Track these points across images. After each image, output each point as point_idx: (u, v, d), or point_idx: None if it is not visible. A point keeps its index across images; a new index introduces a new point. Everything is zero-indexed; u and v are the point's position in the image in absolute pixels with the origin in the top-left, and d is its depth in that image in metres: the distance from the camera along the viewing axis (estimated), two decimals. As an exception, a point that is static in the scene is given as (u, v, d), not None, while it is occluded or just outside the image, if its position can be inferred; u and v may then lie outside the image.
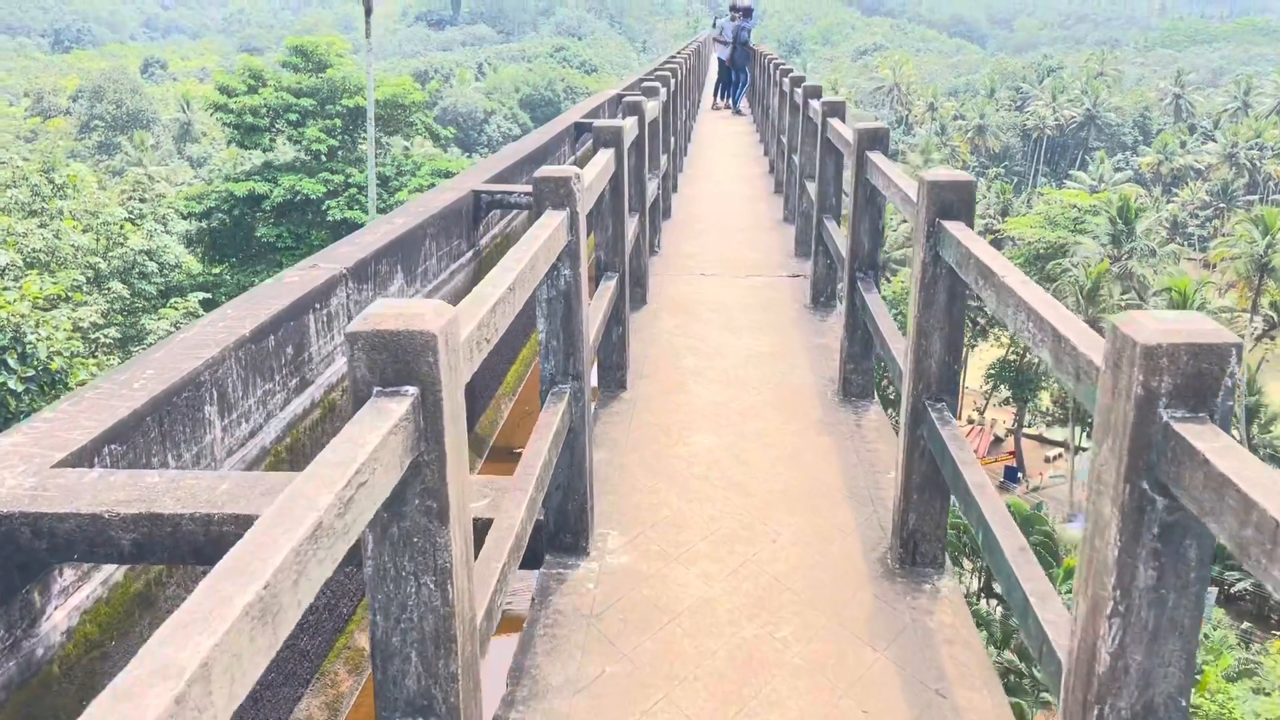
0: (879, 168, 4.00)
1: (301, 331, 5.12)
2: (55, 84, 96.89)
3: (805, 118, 7.18)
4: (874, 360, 4.65)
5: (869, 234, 4.47)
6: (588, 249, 3.46)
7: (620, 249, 4.64)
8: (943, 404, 3.07)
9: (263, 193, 30.98)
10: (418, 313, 1.51)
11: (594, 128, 4.55)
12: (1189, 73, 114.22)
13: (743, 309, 6.20)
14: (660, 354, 5.35)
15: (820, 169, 5.95)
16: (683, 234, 8.51)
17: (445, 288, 7.00)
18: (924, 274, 3.00)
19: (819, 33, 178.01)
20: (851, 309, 4.58)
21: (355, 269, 5.51)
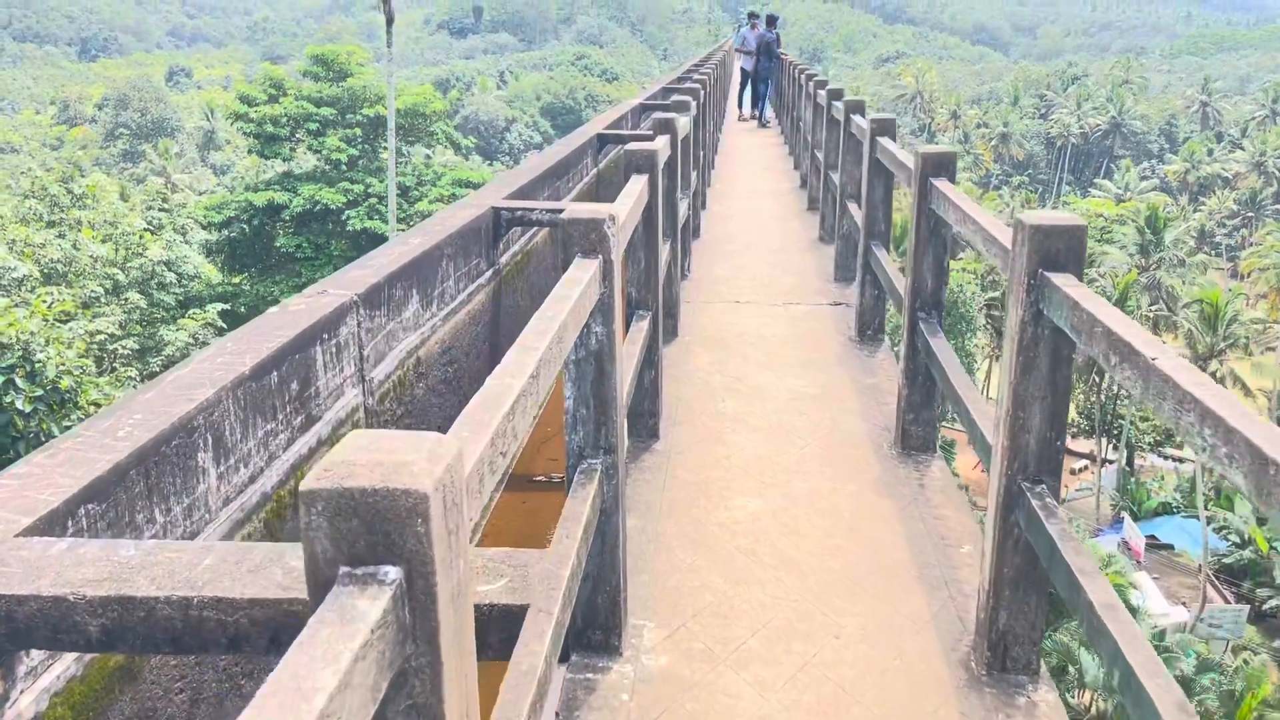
0: (950, 200, 3.52)
1: (308, 365, 4.64)
2: (81, 92, 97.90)
3: (847, 134, 6.71)
4: (936, 410, 4.17)
5: (933, 270, 4.00)
6: (622, 294, 3.00)
7: (654, 284, 4.19)
8: (1043, 487, 2.59)
9: (282, 202, 30.79)
10: (404, 460, 1.05)
11: (626, 152, 4.10)
12: (1216, 80, 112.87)
13: (782, 342, 5.72)
14: (695, 396, 4.88)
15: (868, 192, 5.47)
16: (713, 255, 8.05)
17: (463, 310, 6.55)
18: (1022, 334, 2.52)
19: (841, 40, 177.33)
20: (912, 352, 4.10)
21: (367, 294, 5.05)
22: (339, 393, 4.99)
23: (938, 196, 3.79)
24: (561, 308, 2.11)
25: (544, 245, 8.29)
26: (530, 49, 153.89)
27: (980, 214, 3.16)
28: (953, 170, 3.90)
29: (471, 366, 6.45)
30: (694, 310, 6.43)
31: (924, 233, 3.97)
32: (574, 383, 2.62)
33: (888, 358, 5.44)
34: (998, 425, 2.68)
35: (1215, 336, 38.72)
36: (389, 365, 5.29)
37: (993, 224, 2.96)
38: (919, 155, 3.94)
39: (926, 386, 4.12)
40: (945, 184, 3.82)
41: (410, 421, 5.49)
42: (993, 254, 2.92)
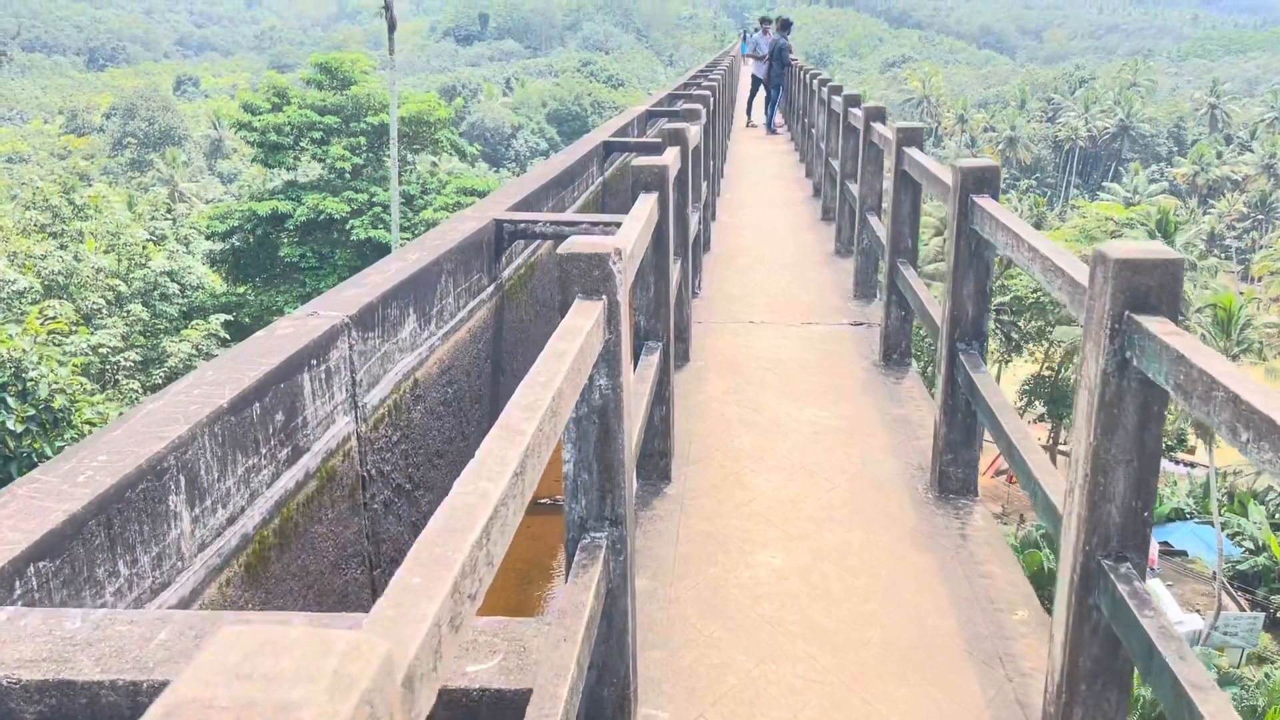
0: (1000, 221, 3.13)
1: (294, 393, 4.25)
2: (89, 101, 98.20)
3: (868, 143, 6.33)
4: (978, 451, 3.77)
5: (974, 297, 3.60)
6: (629, 329, 2.61)
7: (664, 312, 3.80)
8: (1128, 566, 2.19)
9: (286, 212, 30.52)
10: (288, 698, 0.66)
11: (634, 168, 3.72)
12: (1224, 82, 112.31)
13: (802, 367, 5.33)
14: (709, 430, 4.49)
15: (894, 206, 5.08)
16: (725, 270, 7.66)
17: (463, 328, 6.15)
18: (1105, 387, 2.13)
19: (847, 45, 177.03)
20: (951, 387, 3.70)
21: (360, 315, 4.65)
22: (329, 421, 4.59)
23: (982, 216, 3.40)
24: (557, 368, 1.72)
25: (548, 257, 7.91)
26: (536, 56, 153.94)
27: (1041, 241, 2.77)
28: (996, 186, 3.51)
29: (473, 386, 6.06)
30: (706, 331, 6.04)
31: (964, 255, 3.58)
32: (574, 444, 2.23)
33: (916, 385, 5.04)
34: (1071, 491, 2.28)
35: (1229, 341, 38.23)
36: (384, 389, 4.90)
37: (1059, 255, 2.56)
38: (958, 170, 3.55)
39: (966, 425, 3.73)
40: (990, 202, 3.42)
41: (406, 447, 5.11)
42: (1058, 289, 2.52)
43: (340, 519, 4.54)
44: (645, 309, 3.79)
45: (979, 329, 3.65)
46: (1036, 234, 2.85)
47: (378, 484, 4.79)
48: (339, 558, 4.52)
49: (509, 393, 6.31)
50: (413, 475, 5.15)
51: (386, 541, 4.98)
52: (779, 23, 17.58)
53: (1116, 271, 2.08)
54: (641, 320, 3.80)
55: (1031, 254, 2.78)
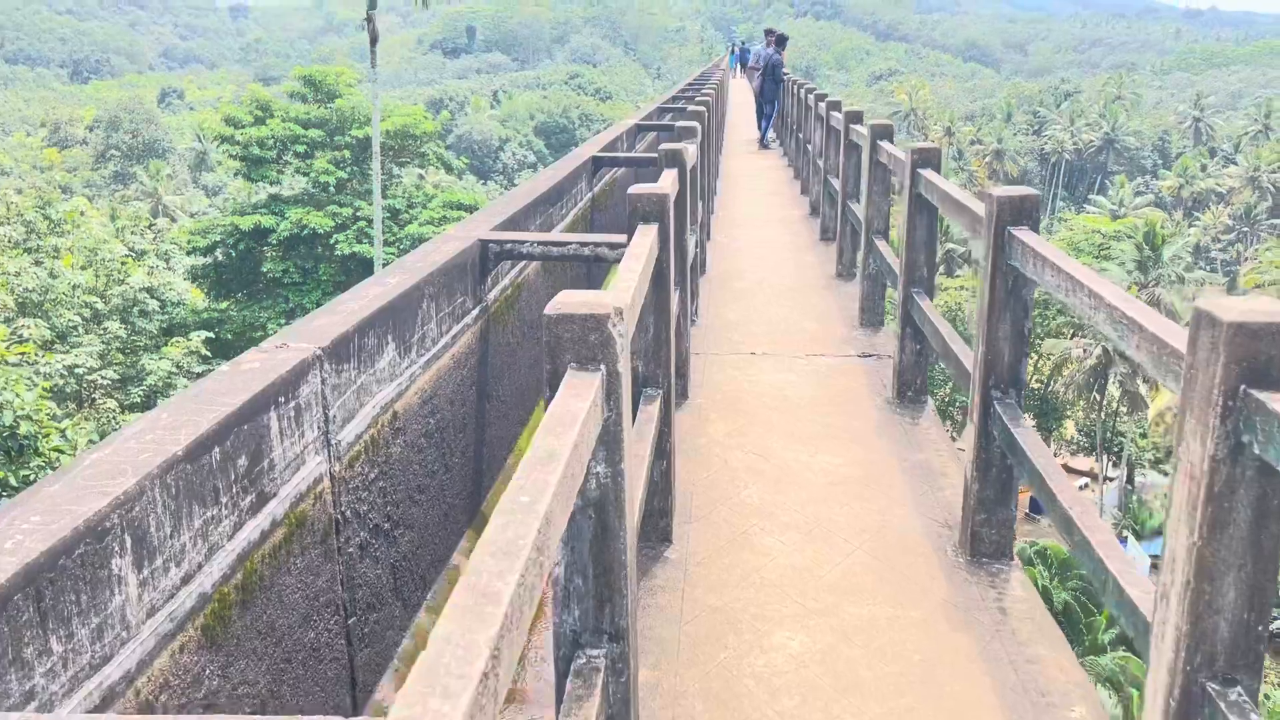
0: (1045, 259, 2.75)
1: (260, 435, 3.80)
2: (72, 114, 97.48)
3: (874, 162, 5.96)
4: (1013, 510, 3.39)
5: (1011, 340, 3.22)
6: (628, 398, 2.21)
7: (665, 355, 3.41)
8: (1238, 689, 1.80)
9: (269, 226, 30.05)
10: None
11: (631, 197, 3.33)
12: (1208, 96, 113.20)
13: (810, 405, 4.94)
14: (713, 480, 4.09)
15: (908, 232, 4.71)
16: (723, 295, 7.27)
17: (447, 354, 5.71)
18: (1213, 475, 1.74)
19: (834, 58, 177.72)
20: (985, 440, 3.32)
21: (334, 347, 4.19)
22: (299, 462, 4.13)
23: (1022, 251, 3.02)
24: (546, 479, 1.32)
25: (536, 276, 7.52)
26: (524, 69, 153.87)
27: (1106, 286, 2.38)
28: (1036, 217, 3.13)
29: (456, 415, 5.65)
30: (705, 364, 5.64)
31: (999, 294, 3.20)
32: (565, 544, 1.83)
33: (934, 426, 4.65)
34: (1166, 597, 1.89)
35: (1219, 354, 37.96)
36: (360, 424, 4.46)
37: (1135, 306, 2.18)
38: (993, 199, 3.17)
39: (1002, 481, 3.34)
40: (1030, 235, 3.04)
41: (385, 485, 4.68)
42: (1135, 347, 2.14)
43: (311, 567, 4.12)
44: (644, 353, 3.40)
45: (1016, 376, 3.27)
46: (1097, 276, 2.47)
47: (353, 526, 4.38)
48: (310, 609, 4.10)
49: (495, 419, 5.84)
50: (391, 514, 4.74)
51: (362, 587, 4.57)
52: (774, 37, 17.25)
53: (1230, 337, 1.70)
54: (640, 365, 3.41)
55: (1093, 301, 2.40)
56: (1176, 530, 1.85)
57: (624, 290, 2.12)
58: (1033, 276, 2.94)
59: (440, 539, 5.13)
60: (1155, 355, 2.03)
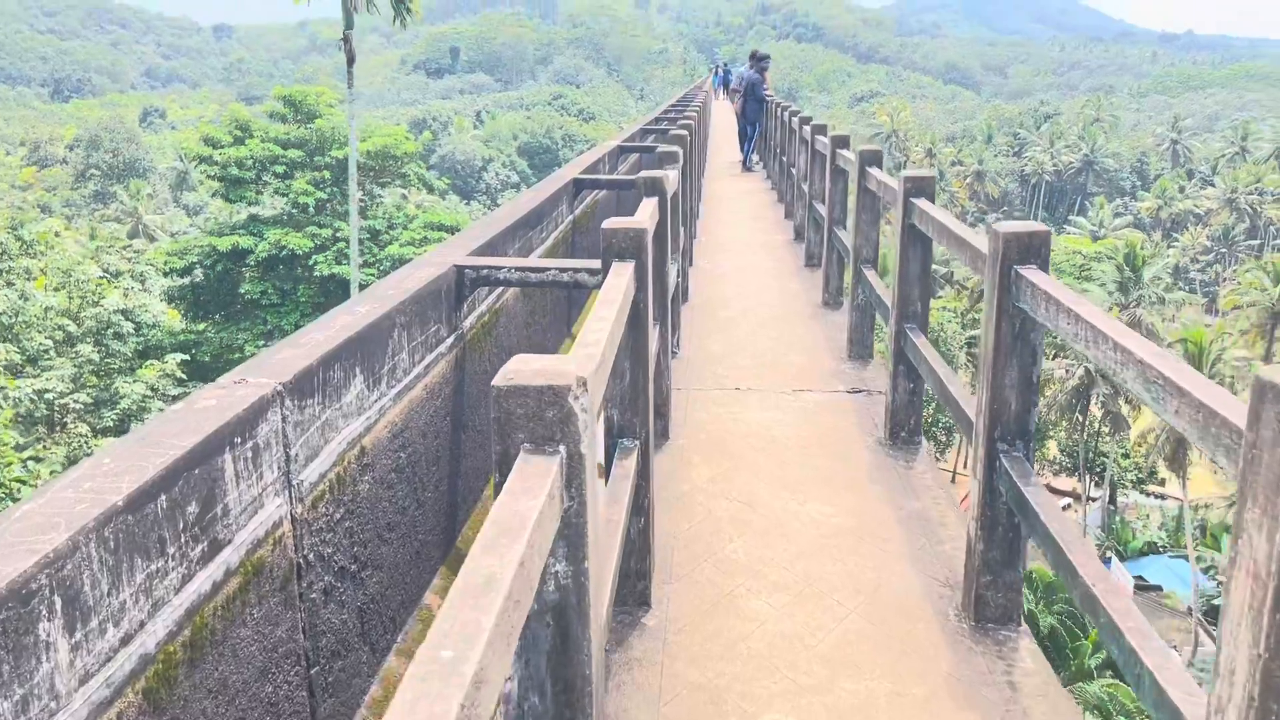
0: (1061, 303, 2.49)
1: (213, 478, 3.48)
2: (53, 133, 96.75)
3: (863, 189, 5.72)
4: (1020, 570, 3.12)
5: (1019, 388, 2.96)
6: (596, 489, 1.94)
7: (642, 403, 3.13)
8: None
9: (247, 247, 29.66)
10: None
11: (606, 233, 3.07)
12: (1185, 118, 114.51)
13: (799, 447, 4.66)
14: (696, 532, 3.81)
15: (901, 264, 4.46)
16: (706, 324, 7.01)
17: (419, 384, 5.40)
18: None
19: (815, 80, 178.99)
20: (989, 496, 3.05)
21: (296, 382, 3.87)
22: (256, 505, 3.80)
23: (1032, 293, 2.76)
24: (482, 617, 1.04)
25: (515, 300, 7.25)
26: (507, 89, 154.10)
27: (1135, 340, 2.12)
28: (1046, 255, 2.88)
29: (429, 448, 5.35)
30: (687, 400, 5.36)
31: (1006, 338, 2.94)
32: (520, 658, 1.54)
33: (930, 471, 4.39)
34: (1221, 712, 1.62)
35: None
36: (324, 462, 4.13)
37: (1175, 367, 1.91)
38: (999, 236, 2.91)
39: (1008, 541, 3.07)
40: (1040, 275, 2.79)
41: (351, 524, 4.36)
42: (1174, 412, 1.87)
43: (270, 617, 3.80)
44: (619, 400, 3.12)
45: (1024, 426, 3.01)
46: (1123, 327, 2.21)
47: (316, 570, 4.06)
48: (268, 662, 3.78)
49: (471, 450, 5.46)
50: (359, 555, 4.42)
51: (326, 634, 4.25)
52: (752, 57, 17.11)
53: (1300, 412, 1.43)
54: (615, 414, 3.12)
55: (1120, 356, 2.14)
56: (1236, 637, 1.58)
57: (591, 349, 1.84)
58: (1044, 321, 2.69)
59: (412, 578, 4.82)
60: (1202, 425, 1.77)
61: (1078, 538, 2.55)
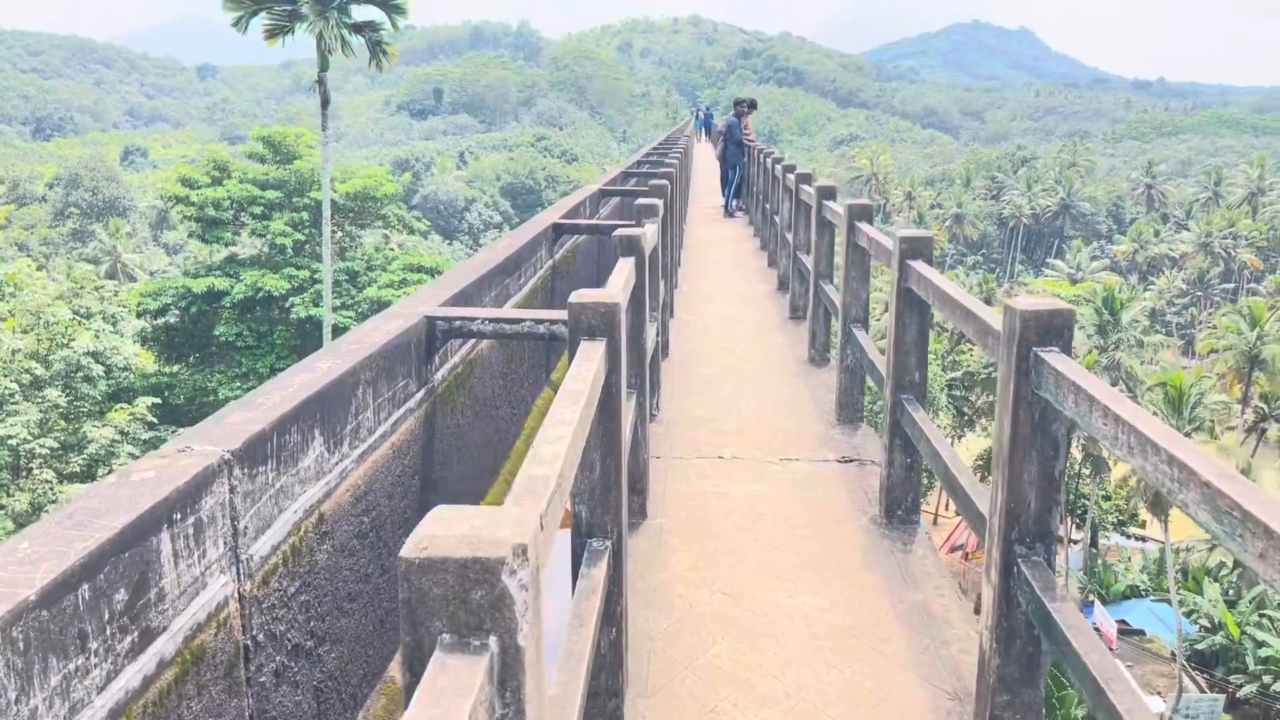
0: (1093, 396, 2.16)
1: (146, 560, 3.05)
2: (32, 171, 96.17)
3: (852, 245, 5.43)
4: (1040, 688, 2.76)
5: (1039, 484, 2.62)
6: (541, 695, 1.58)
7: (615, 499, 2.77)
8: None
9: (223, 289, 29.17)
10: None
11: (574, 307, 2.72)
12: (1159, 163, 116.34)
13: (786, 526, 4.30)
14: (675, 632, 3.42)
15: (897, 331, 4.13)
16: (687, 383, 6.66)
17: (385, 443, 5.00)
18: None
19: (796, 123, 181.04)
20: (1007, 604, 2.70)
21: (247, 448, 3.46)
22: (198, 586, 3.36)
23: (1055, 382, 2.43)
24: None
25: (491, 349, 6.89)
26: (490, 130, 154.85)
27: (1202, 459, 1.79)
28: (1069, 336, 2.56)
29: (395, 509, 4.94)
30: (667, 471, 5.00)
31: (1024, 429, 2.61)
32: None
33: (930, 555, 4.03)
34: None
35: (1180, 420, 38.22)
36: (278, 533, 3.71)
37: (1253, 494, 1.58)
38: (1015, 314, 2.59)
39: (1028, 655, 2.71)
40: (1063, 361, 2.46)
41: (307, 598, 3.93)
42: (1254, 553, 1.54)
43: (211, 708, 3.37)
44: (588, 495, 2.76)
45: (1045, 528, 2.67)
46: (1175, 435, 1.88)
47: (266, 651, 3.64)
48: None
49: None
50: (315, 630, 4.00)
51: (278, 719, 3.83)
52: (736, 103, 17.02)
53: None
54: (583, 511, 2.76)
55: (1179, 473, 1.80)
56: None
57: (546, 471, 1.48)
58: (1072, 416, 2.35)
59: (375, 649, 4.41)
60: (1274, 554, 1.42)
61: (1118, 672, 2.19)
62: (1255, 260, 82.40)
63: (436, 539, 1.15)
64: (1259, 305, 55.70)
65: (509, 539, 1.14)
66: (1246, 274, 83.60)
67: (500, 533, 1.15)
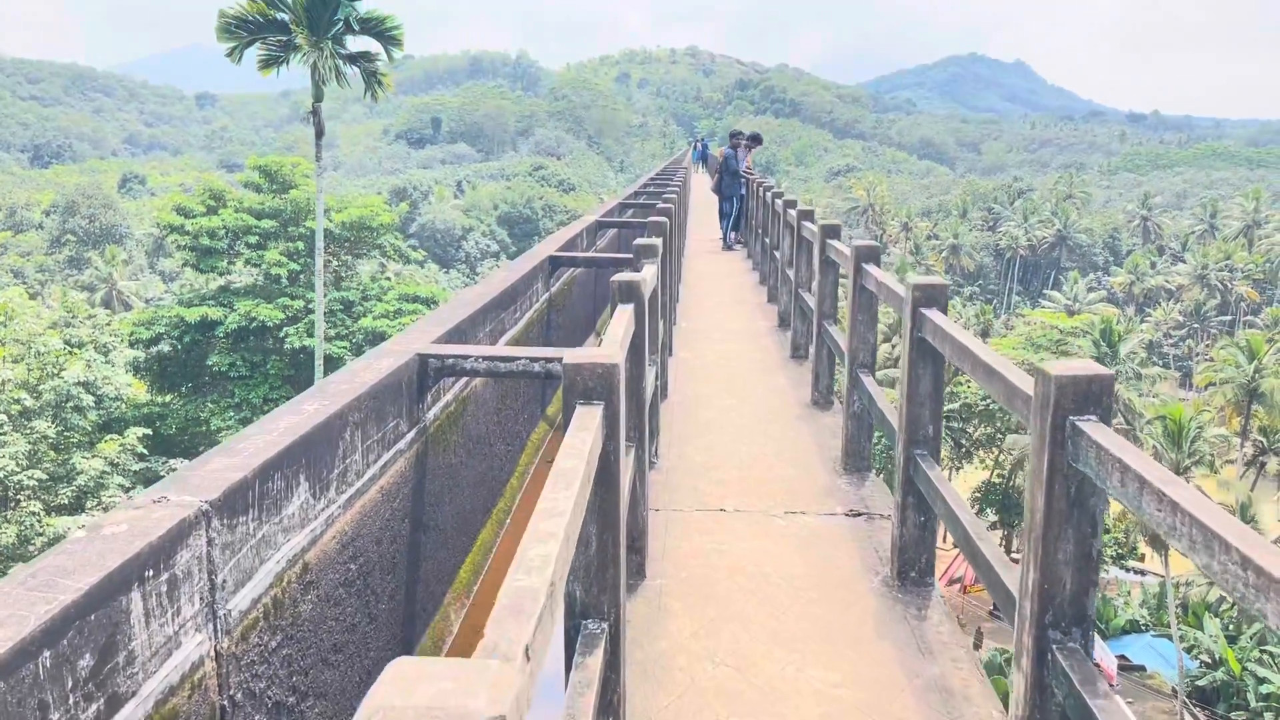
0: (1151, 484, 1.94)
1: (114, 622, 2.80)
2: (29, 198, 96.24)
3: (860, 288, 5.22)
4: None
5: (1076, 563, 2.40)
6: None
7: (612, 579, 2.53)
8: None
9: (216, 318, 28.96)
10: None
11: (569, 368, 2.50)
12: (1154, 196, 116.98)
13: (793, 589, 4.06)
14: (676, 712, 3.17)
15: (910, 383, 3.92)
16: (686, 427, 6.43)
17: (374, 486, 4.76)
18: None
19: (793, 154, 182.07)
20: (1040, 694, 2.46)
21: (226, 498, 3.23)
22: (171, 646, 3.10)
23: (1097, 456, 2.21)
24: None
25: (485, 386, 6.67)
26: (488, 159, 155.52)
27: (1258, 546, 1.57)
28: (1109, 403, 2.34)
29: (384, 554, 4.69)
30: (666, 525, 4.75)
31: (1059, 504, 2.38)
32: None
33: (945, 620, 3.79)
34: None
35: (1180, 454, 38.02)
36: (259, 585, 3.46)
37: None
38: (1049, 379, 2.37)
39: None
40: (1104, 432, 2.24)
41: (290, 652, 3.66)
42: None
43: None
44: (583, 573, 2.52)
45: (1082, 610, 2.44)
46: (1251, 533, 1.66)
47: (245, 710, 3.37)
48: (182, 831, 3.10)
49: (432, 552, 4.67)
50: (298, 685, 3.73)
51: (256, 785, 3.57)
52: (747, 138, 17.00)
53: None
54: (577, 590, 2.52)
55: (1256, 579, 1.58)
56: None
57: (530, 600, 1.24)
58: (1117, 497, 2.13)
59: (360, 702, 4.10)
60: None
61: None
62: (1252, 293, 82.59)
63: (393, 713, 0.91)
64: (1257, 338, 55.68)
65: (483, 712, 0.91)
66: (1243, 306, 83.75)
67: (472, 702, 0.92)
